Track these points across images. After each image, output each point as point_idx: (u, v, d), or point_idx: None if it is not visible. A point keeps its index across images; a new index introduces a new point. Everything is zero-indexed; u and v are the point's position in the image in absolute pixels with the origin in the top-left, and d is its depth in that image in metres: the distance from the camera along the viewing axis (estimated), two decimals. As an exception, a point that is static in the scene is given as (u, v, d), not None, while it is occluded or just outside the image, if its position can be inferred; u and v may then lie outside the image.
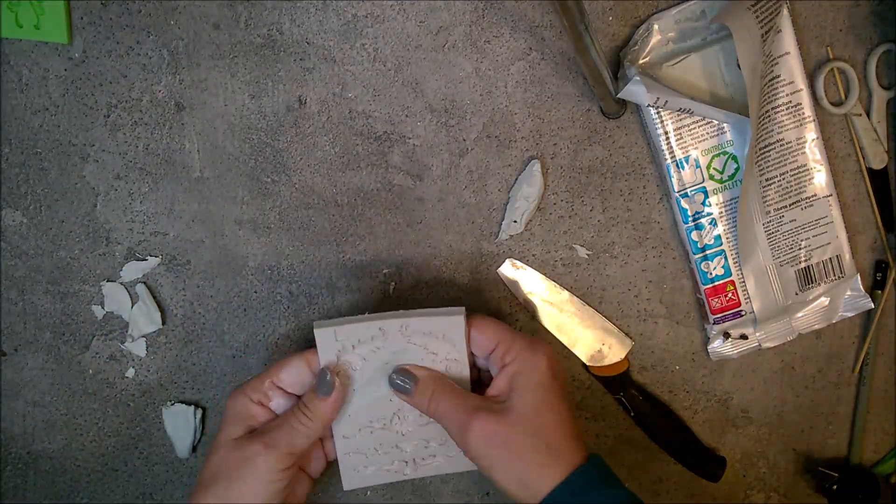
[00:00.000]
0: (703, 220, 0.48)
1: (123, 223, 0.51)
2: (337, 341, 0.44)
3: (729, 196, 0.48)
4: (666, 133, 0.47)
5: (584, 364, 0.53)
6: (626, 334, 0.52)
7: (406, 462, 0.47)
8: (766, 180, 0.47)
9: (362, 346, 0.44)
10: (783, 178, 0.48)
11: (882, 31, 0.47)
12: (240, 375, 0.53)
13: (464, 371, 0.45)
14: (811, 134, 0.47)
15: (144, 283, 0.51)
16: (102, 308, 0.52)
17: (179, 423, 0.53)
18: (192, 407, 0.53)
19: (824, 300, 0.50)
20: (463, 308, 0.44)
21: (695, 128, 0.47)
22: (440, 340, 0.44)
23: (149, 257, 0.51)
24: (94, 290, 0.52)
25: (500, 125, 0.49)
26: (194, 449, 0.54)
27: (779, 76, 0.46)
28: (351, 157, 0.50)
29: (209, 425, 0.54)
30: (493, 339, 0.43)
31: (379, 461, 0.47)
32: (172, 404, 0.53)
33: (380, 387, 0.45)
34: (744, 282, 0.49)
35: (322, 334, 0.44)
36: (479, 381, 0.47)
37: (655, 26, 0.46)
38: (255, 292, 0.52)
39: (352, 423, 0.46)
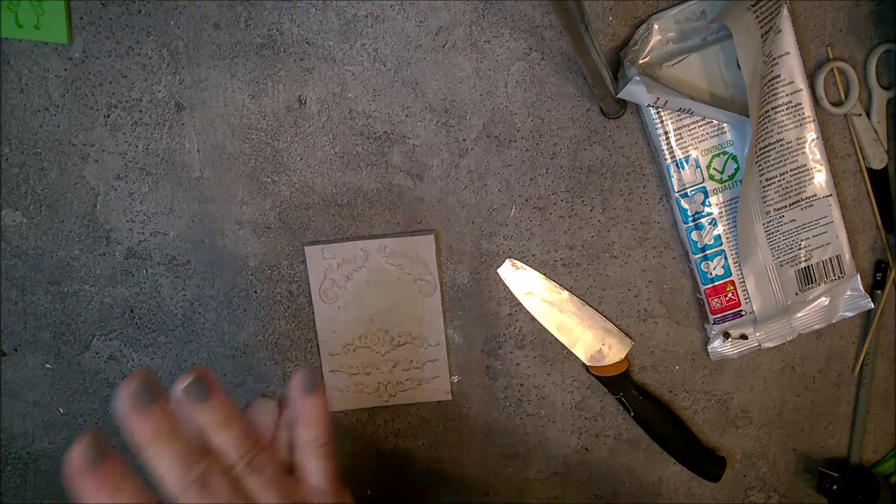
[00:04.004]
0: (703, 220, 0.48)
1: (123, 223, 0.51)
2: (324, 259, 0.50)
3: (729, 196, 0.48)
4: (666, 133, 0.47)
5: (584, 364, 0.53)
6: (626, 334, 0.52)
7: (384, 385, 0.52)
8: (766, 180, 0.47)
9: (346, 266, 0.50)
10: (783, 178, 0.48)
11: (882, 31, 0.47)
12: (239, 375, 0.53)
13: (435, 291, 0.51)
14: (811, 134, 0.47)
15: None
16: None
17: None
18: None
19: (824, 300, 0.50)
20: (434, 230, 0.50)
21: (695, 128, 0.47)
22: (414, 261, 0.50)
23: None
24: (95, 291, 0.52)
25: (500, 125, 0.49)
26: None
27: (779, 76, 0.46)
28: (351, 157, 0.50)
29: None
30: None
31: (360, 382, 0.52)
32: None
33: (361, 306, 0.51)
34: (744, 282, 0.49)
35: (311, 251, 0.50)
36: None
37: (655, 26, 0.46)
38: (255, 292, 0.52)
39: (336, 340, 0.51)
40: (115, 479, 0.29)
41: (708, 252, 0.49)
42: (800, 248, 0.49)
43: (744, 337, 0.51)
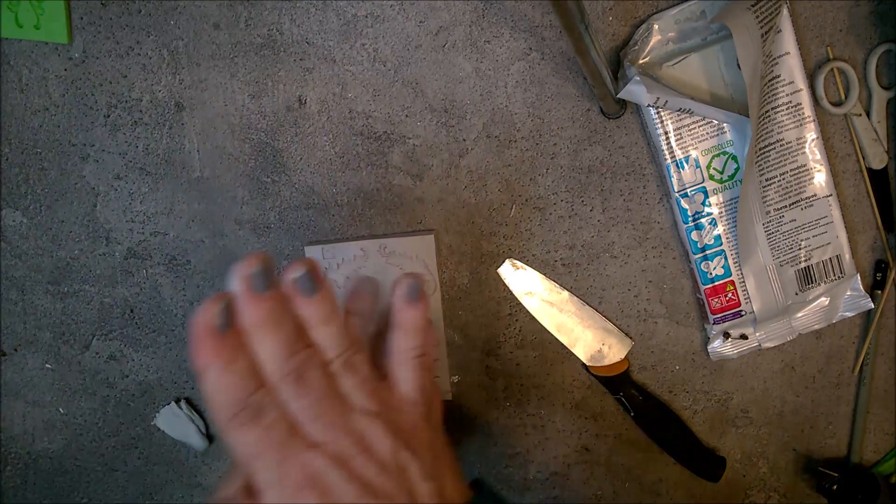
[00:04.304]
0: (703, 220, 0.48)
1: (123, 223, 0.51)
2: (324, 259, 0.50)
3: (729, 196, 0.48)
4: (666, 133, 0.47)
5: (584, 364, 0.53)
6: (626, 334, 0.52)
7: None
8: (766, 180, 0.47)
9: (346, 266, 0.49)
10: (783, 178, 0.48)
11: (882, 31, 0.47)
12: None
13: (435, 291, 0.51)
14: (811, 134, 0.47)
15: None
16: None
17: (175, 424, 0.53)
18: (173, 403, 0.53)
19: (824, 300, 0.50)
20: (434, 230, 0.50)
21: (695, 128, 0.47)
22: (414, 261, 0.50)
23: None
24: (95, 291, 0.52)
25: (500, 125, 0.49)
26: (209, 437, 0.54)
27: (779, 76, 0.46)
28: (351, 157, 0.50)
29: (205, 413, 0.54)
30: None
31: None
32: (154, 417, 0.54)
33: None
34: (744, 282, 0.49)
35: (311, 252, 0.50)
36: None
37: (655, 26, 0.46)
38: (255, 292, 0.52)
39: None
40: (232, 349, 0.29)
41: (708, 252, 0.49)
42: (800, 248, 0.49)
43: (744, 337, 0.51)
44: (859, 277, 0.50)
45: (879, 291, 0.51)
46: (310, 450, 0.30)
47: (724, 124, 0.47)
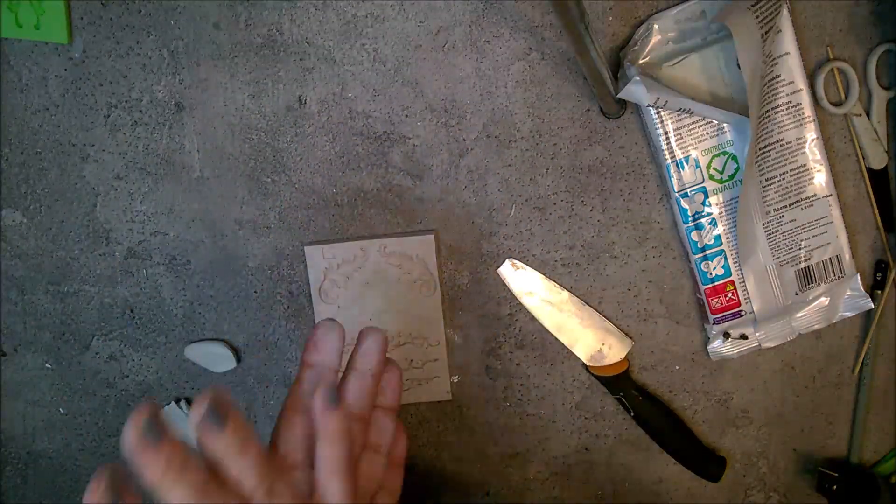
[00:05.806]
0: (703, 220, 0.48)
1: (123, 223, 0.51)
2: (324, 259, 0.50)
3: (729, 196, 0.48)
4: (666, 133, 0.47)
5: (584, 364, 0.53)
6: (626, 334, 0.52)
7: None
8: (766, 180, 0.47)
9: (346, 266, 0.50)
10: (783, 178, 0.48)
11: (882, 31, 0.47)
12: (239, 376, 0.53)
13: (435, 291, 0.50)
14: (811, 134, 0.47)
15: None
16: None
17: (175, 424, 0.53)
18: (173, 403, 0.53)
19: (824, 300, 0.50)
20: (434, 230, 0.50)
21: (695, 128, 0.47)
22: (414, 261, 0.50)
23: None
24: (95, 291, 0.52)
25: (500, 125, 0.49)
26: None
27: (779, 76, 0.46)
28: (351, 157, 0.50)
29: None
30: None
31: None
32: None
33: (361, 306, 0.50)
34: (744, 282, 0.49)
35: (311, 251, 0.50)
36: None
37: (655, 26, 0.46)
38: (255, 292, 0.52)
39: None
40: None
41: (708, 252, 0.49)
42: (800, 248, 0.49)
43: (744, 337, 0.51)
44: (859, 277, 0.50)
45: (879, 291, 0.51)
46: None
47: (724, 124, 0.47)
